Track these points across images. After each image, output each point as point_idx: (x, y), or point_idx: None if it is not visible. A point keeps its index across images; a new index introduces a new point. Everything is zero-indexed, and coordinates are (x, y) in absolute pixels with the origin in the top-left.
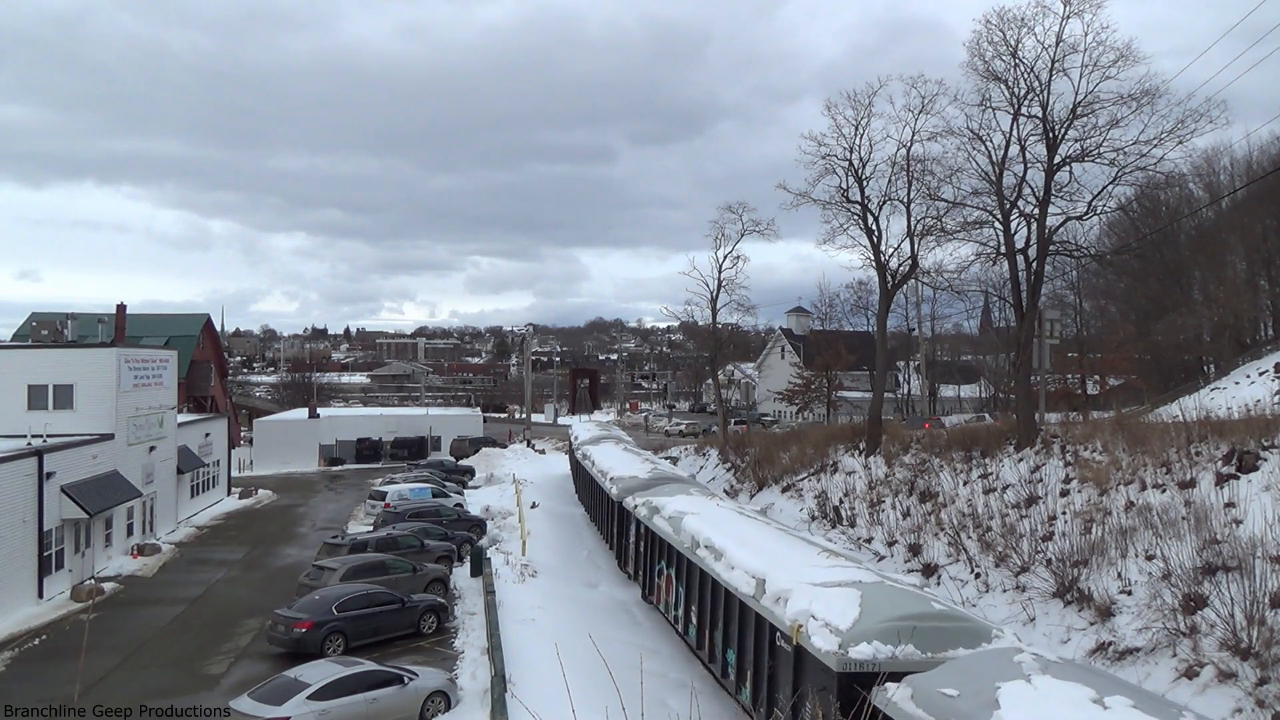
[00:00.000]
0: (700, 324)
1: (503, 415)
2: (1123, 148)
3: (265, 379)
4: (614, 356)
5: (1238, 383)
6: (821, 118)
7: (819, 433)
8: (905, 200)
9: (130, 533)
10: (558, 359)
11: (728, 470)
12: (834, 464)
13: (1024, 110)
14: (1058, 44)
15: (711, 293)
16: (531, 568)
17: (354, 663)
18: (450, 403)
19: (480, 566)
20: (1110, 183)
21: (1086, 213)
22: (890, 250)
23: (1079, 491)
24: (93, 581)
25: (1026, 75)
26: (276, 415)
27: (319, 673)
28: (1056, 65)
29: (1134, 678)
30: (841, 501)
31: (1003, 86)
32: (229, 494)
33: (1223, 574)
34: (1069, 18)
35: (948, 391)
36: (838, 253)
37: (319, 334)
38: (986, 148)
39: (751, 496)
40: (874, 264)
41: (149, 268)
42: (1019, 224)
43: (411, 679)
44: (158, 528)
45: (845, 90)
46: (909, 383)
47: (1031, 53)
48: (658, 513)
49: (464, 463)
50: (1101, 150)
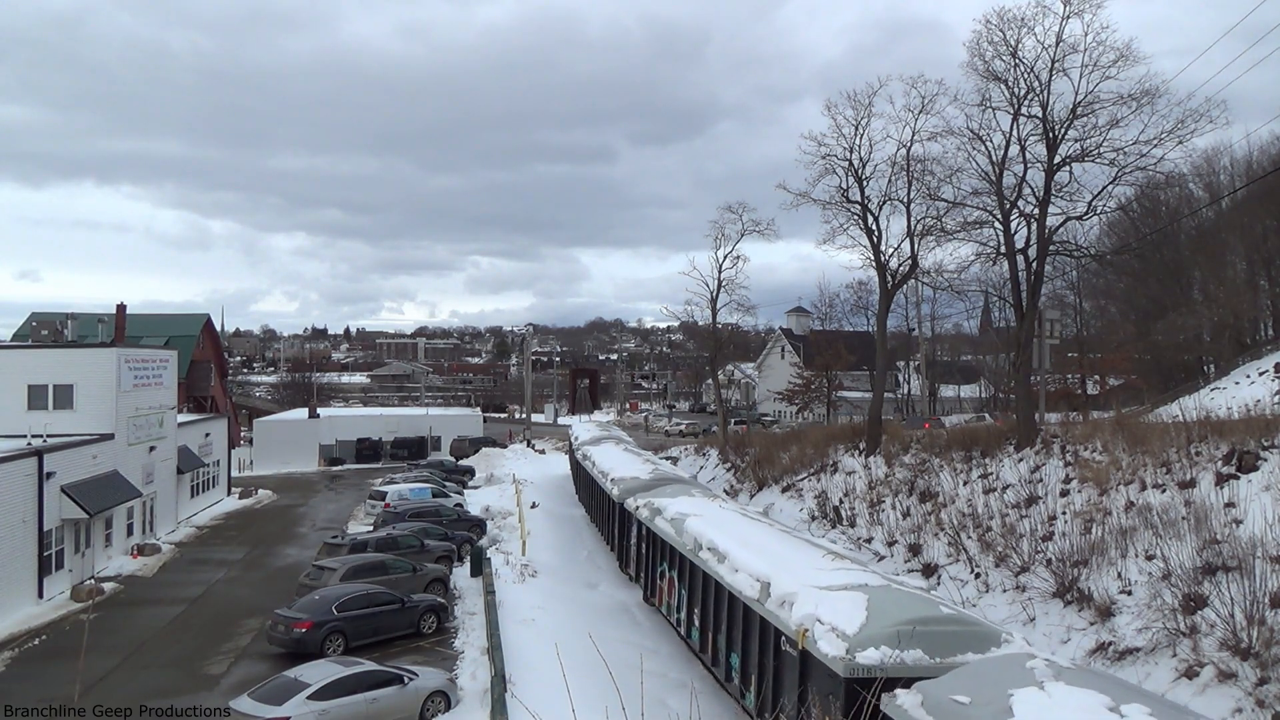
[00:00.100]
0: (700, 324)
1: (503, 415)
2: (1123, 148)
3: (265, 379)
4: (614, 356)
5: (1238, 383)
6: (821, 118)
7: (819, 433)
8: (905, 200)
9: (130, 533)
10: (558, 359)
11: (728, 470)
12: (834, 464)
13: (1024, 110)
14: (1058, 44)
15: (711, 293)
16: (531, 568)
17: (354, 663)
18: (450, 403)
19: (480, 566)
20: (1110, 183)
21: (1086, 213)
22: (890, 250)
23: (1079, 491)
24: (93, 581)
25: (1026, 75)
26: (276, 415)
27: (319, 673)
28: (1056, 65)
29: (1134, 678)
30: (841, 501)
31: (1003, 86)
32: (229, 494)
33: (1223, 574)
34: (1069, 18)
35: (948, 391)
36: (838, 253)
37: (319, 334)
38: (986, 148)
39: (751, 496)
40: (874, 264)
41: (149, 268)
42: (1019, 224)
43: (411, 679)
44: (158, 528)
45: (845, 90)
46: (909, 383)
47: (1031, 53)
48: (659, 514)
49: (464, 463)
50: (1101, 150)
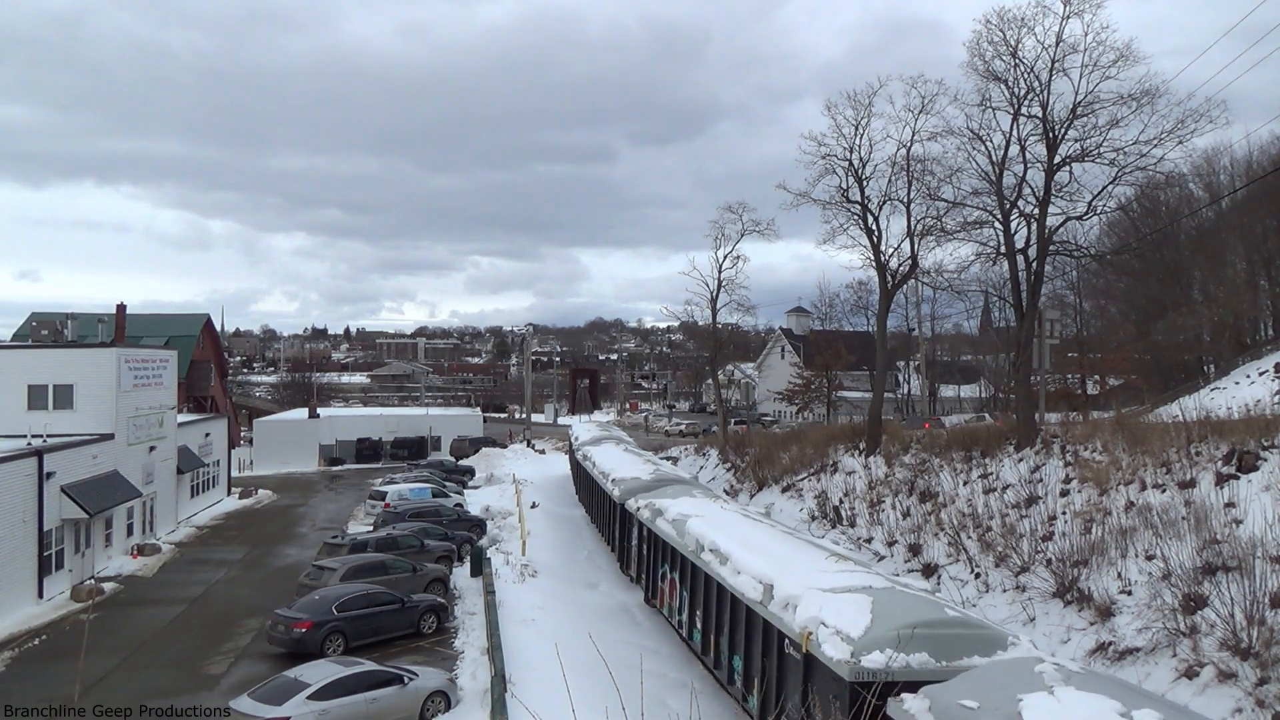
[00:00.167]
0: (700, 324)
1: (503, 415)
2: (1123, 148)
3: (265, 379)
4: (614, 356)
5: (1238, 383)
6: (821, 118)
7: (819, 433)
8: (905, 200)
9: (130, 533)
10: (558, 359)
11: (728, 470)
12: (834, 464)
13: (1024, 110)
14: (1058, 44)
15: (711, 293)
16: (531, 568)
17: (354, 663)
18: (450, 403)
19: (480, 566)
20: (1110, 183)
21: (1086, 213)
22: (890, 250)
23: (1079, 491)
24: (93, 581)
25: (1026, 75)
26: (276, 415)
27: (319, 673)
28: (1056, 65)
29: (1134, 678)
30: (841, 501)
31: (1003, 86)
32: (229, 494)
33: (1223, 574)
34: (1069, 18)
35: (948, 391)
36: (838, 253)
37: (319, 334)
38: (986, 148)
39: (751, 496)
40: (874, 264)
41: (149, 268)
42: (1019, 224)
43: (411, 679)
44: (158, 528)
45: (845, 90)
46: (909, 383)
47: (1031, 53)
48: (661, 515)
49: (464, 463)
50: (1101, 150)
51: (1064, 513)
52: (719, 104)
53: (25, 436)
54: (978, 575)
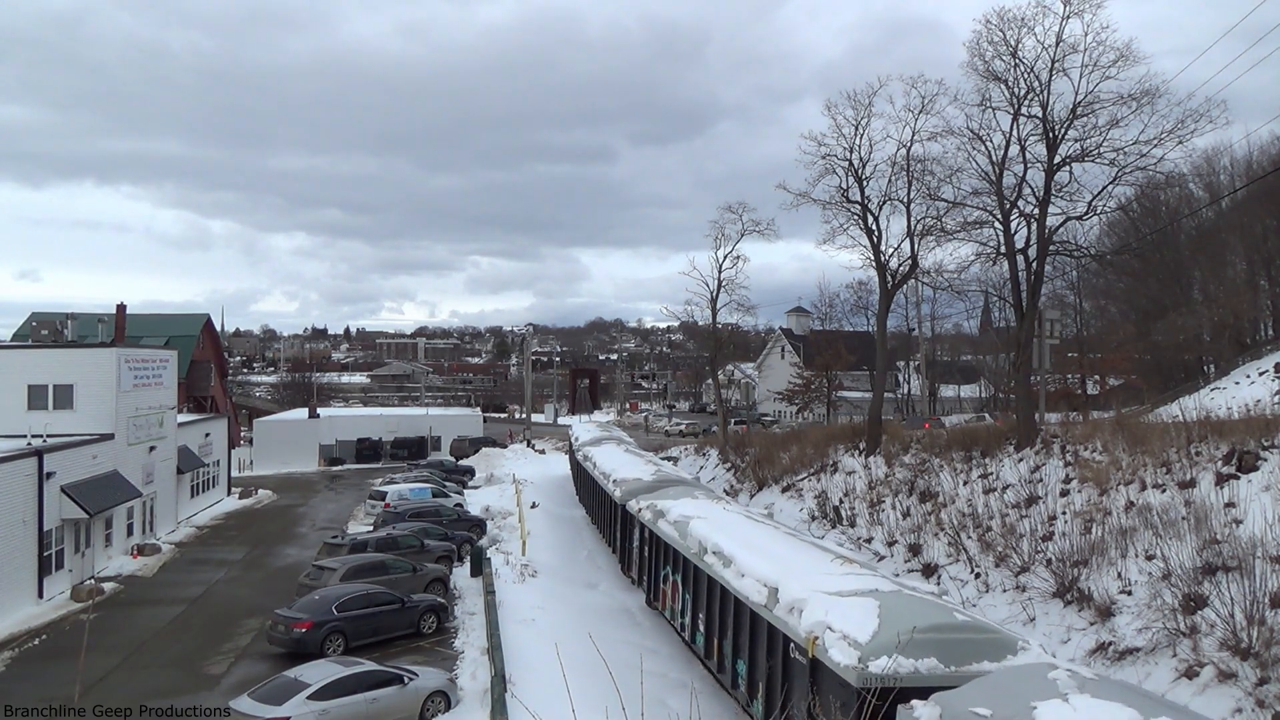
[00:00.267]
0: (700, 324)
1: (503, 415)
2: (1123, 148)
3: (265, 379)
4: (614, 356)
5: (1238, 383)
6: (821, 118)
7: (819, 433)
8: (905, 200)
9: (130, 533)
10: (558, 359)
11: (728, 470)
12: (834, 464)
13: (1024, 110)
14: (1058, 44)
15: (711, 293)
16: (531, 568)
17: (354, 663)
18: (450, 403)
19: (480, 566)
20: (1110, 183)
21: (1086, 213)
22: (890, 250)
23: (1079, 491)
24: (93, 581)
25: (1026, 75)
26: (276, 415)
27: (319, 673)
28: (1056, 65)
29: (1134, 678)
30: (841, 501)
31: (1003, 86)
32: (229, 494)
33: (1223, 574)
34: (1069, 18)
35: (948, 391)
36: (838, 253)
37: (319, 334)
38: (986, 148)
39: (752, 496)
40: (874, 264)
41: (149, 268)
42: (1019, 224)
43: (411, 679)
44: (158, 528)
45: (845, 90)
46: (909, 383)
47: (1031, 53)
48: (663, 516)
49: (464, 463)
50: (1101, 150)
51: (1064, 513)
52: (719, 104)
53: (25, 436)
54: (978, 575)
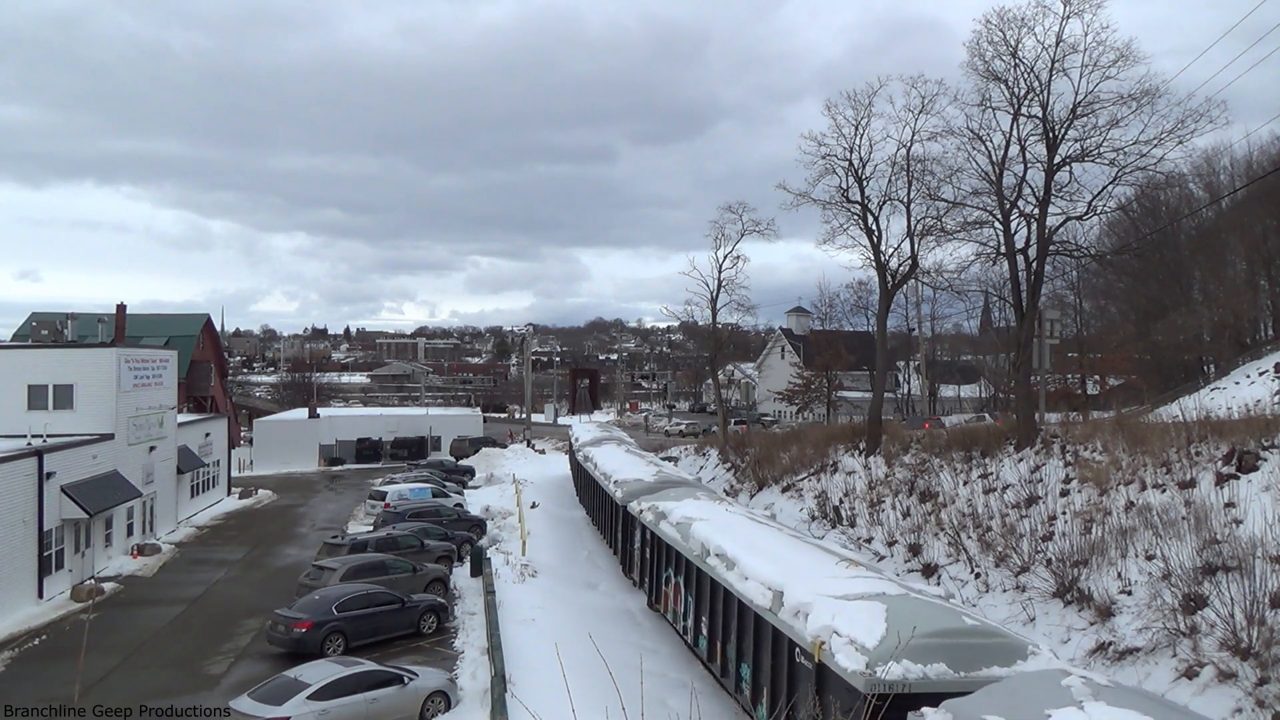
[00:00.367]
0: (700, 324)
1: (503, 415)
2: (1123, 148)
3: (265, 379)
4: (614, 356)
5: (1238, 383)
6: (821, 118)
7: (819, 433)
8: (905, 200)
9: (130, 533)
10: (558, 359)
11: (728, 470)
12: (834, 464)
13: (1024, 110)
14: (1058, 44)
15: (711, 293)
16: (531, 568)
17: (354, 663)
18: (450, 403)
19: (480, 566)
20: (1110, 183)
21: (1086, 213)
22: (890, 250)
23: (1079, 491)
24: (93, 581)
25: (1026, 75)
26: (276, 415)
27: (319, 673)
28: (1056, 65)
29: (1134, 678)
30: (841, 501)
31: (1003, 86)
32: (229, 494)
33: (1223, 574)
34: (1069, 18)
35: (948, 391)
36: (838, 253)
37: (319, 334)
38: (986, 148)
39: (752, 496)
40: (874, 264)
41: (149, 268)
42: (1019, 224)
43: (411, 679)
44: (158, 528)
45: (845, 90)
46: (909, 383)
47: (1031, 53)
48: (664, 518)
49: (464, 463)
50: (1101, 150)
51: (1064, 513)
52: (719, 104)
53: (25, 436)
54: (978, 575)
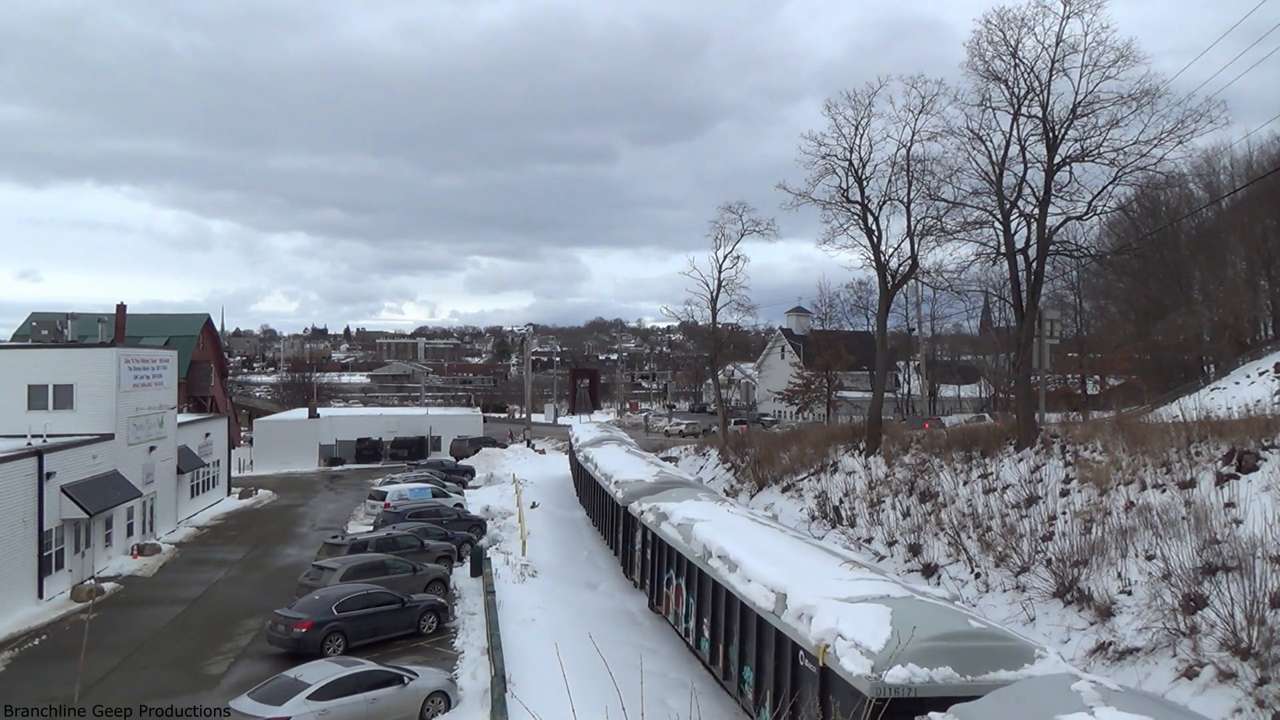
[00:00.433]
0: (700, 324)
1: (503, 415)
2: (1123, 148)
3: (265, 379)
4: (614, 356)
5: (1238, 383)
6: (821, 118)
7: (819, 433)
8: (905, 200)
9: (130, 533)
10: (558, 359)
11: (728, 470)
12: (834, 464)
13: (1024, 110)
14: (1058, 44)
15: (711, 293)
16: (531, 568)
17: (354, 663)
18: (450, 403)
19: (480, 566)
20: (1110, 183)
21: (1086, 213)
22: (890, 250)
23: (1079, 491)
24: (93, 581)
25: (1026, 75)
26: (276, 415)
27: (319, 673)
28: (1056, 65)
29: (1134, 678)
30: (841, 501)
31: (1003, 86)
32: (229, 494)
33: (1223, 574)
34: (1069, 18)
35: (948, 391)
36: (838, 253)
37: (319, 334)
38: (986, 148)
39: (752, 496)
40: (874, 264)
41: (149, 268)
42: (1019, 224)
43: (411, 679)
44: (158, 528)
45: (845, 90)
46: (909, 383)
47: (1031, 53)
48: (666, 519)
49: (464, 463)
50: (1101, 150)
51: (1064, 513)
52: (719, 104)
53: (25, 436)
54: (978, 575)
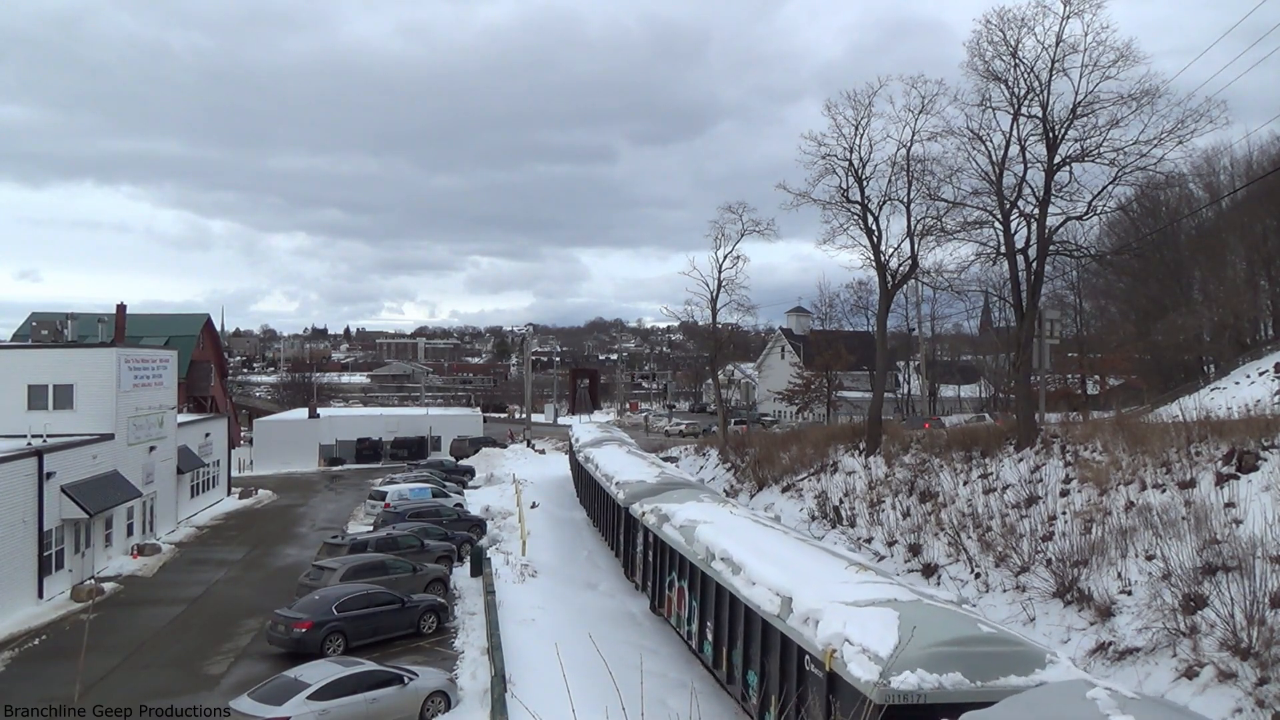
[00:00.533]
0: (700, 324)
1: (503, 415)
2: (1123, 148)
3: (265, 379)
4: (614, 356)
5: (1238, 383)
6: (821, 118)
7: (819, 433)
8: (905, 200)
9: (130, 533)
10: (558, 359)
11: (728, 470)
12: (834, 464)
13: (1024, 110)
14: (1058, 44)
15: (711, 293)
16: (531, 568)
17: (354, 663)
18: (450, 403)
19: (480, 566)
20: (1110, 183)
21: (1086, 213)
22: (890, 250)
23: (1079, 491)
24: (93, 581)
25: (1026, 75)
26: (276, 415)
27: (319, 673)
28: (1056, 65)
29: (1134, 678)
30: (841, 501)
31: (1003, 86)
32: (229, 494)
33: (1223, 574)
34: (1069, 18)
35: (948, 391)
36: (838, 253)
37: (319, 334)
38: (986, 148)
39: (752, 496)
40: (874, 264)
41: (149, 268)
42: (1019, 224)
43: (411, 679)
44: (158, 528)
45: (845, 90)
46: (909, 383)
47: (1031, 53)
48: (668, 521)
49: (464, 463)
50: (1101, 150)
51: (1064, 513)
52: (719, 104)
53: (25, 436)
54: (978, 575)
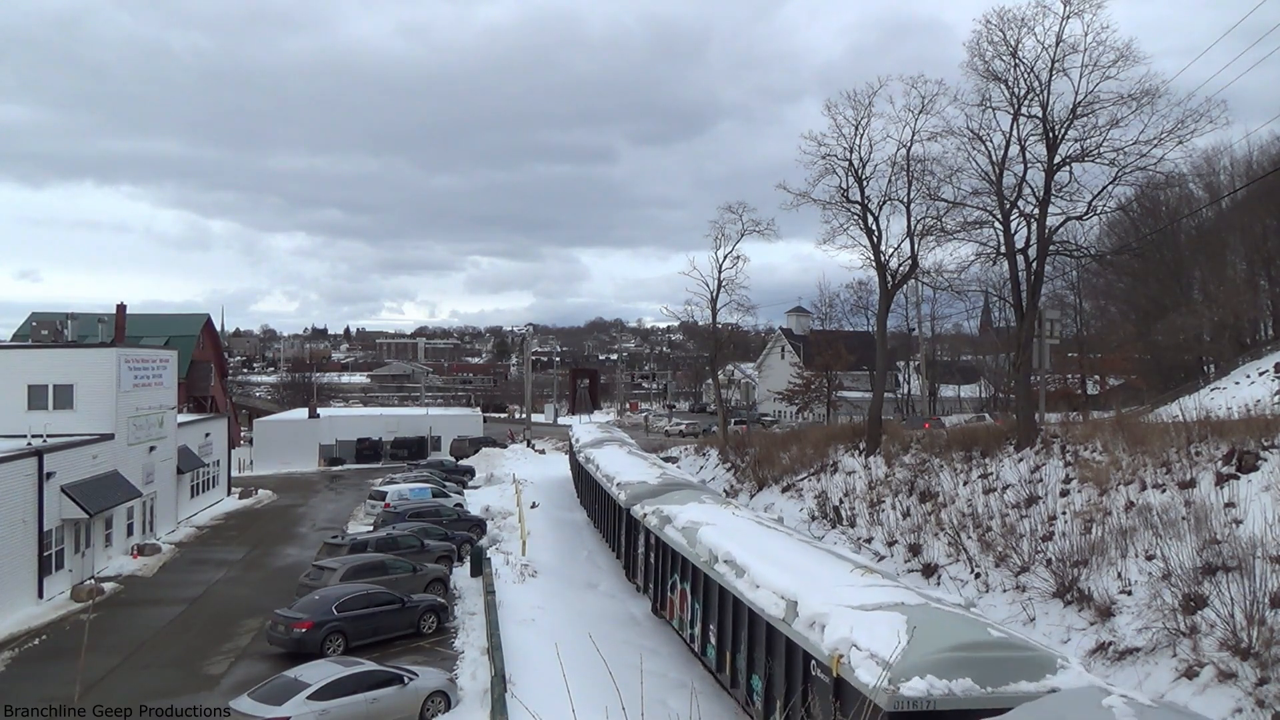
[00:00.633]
0: (700, 324)
1: (503, 415)
2: (1123, 148)
3: (265, 379)
4: (614, 356)
5: (1238, 383)
6: (821, 118)
7: (819, 433)
8: (905, 200)
9: (130, 533)
10: (558, 359)
11: (728, 470)
12: (834, 464)
13: (1024, 110)
14: (1058, 44)
15: (711, 293)
16: (531, 568)
17: (354, 663)
18: (450, 403)
19: (480, 566)
20: (1110, 183)
21: (1086, 213)
22: (890, 250)
23: (1079, 491)
24: (93, 581)
25: (1026, 75)
26: (276, 415)
27: (319, 673)
28: (1056, 65)
29: (1134, 678)
30: (841, 501)
31: (1003, 86)
32: (229, 494)
33: (1223, 574)
34: (1069, 18)
35: (948, 391)
36: (838, 253)
37: (319, 334)
38: (986, 148)
39: (752, 496)
40: (874, 264)
41: (149, 268)
42: (1019, 224)
43: (411, 679)
44: (158, 528)
45: (845, 90)
46: (909, 383)
47: (1031, 53)
48: (669, 522)
49: (464, 463)
50: (1101, 150)
51: (1064, 513)
52: (719, 104)
53: (25, 436)
54: (978, 575)
